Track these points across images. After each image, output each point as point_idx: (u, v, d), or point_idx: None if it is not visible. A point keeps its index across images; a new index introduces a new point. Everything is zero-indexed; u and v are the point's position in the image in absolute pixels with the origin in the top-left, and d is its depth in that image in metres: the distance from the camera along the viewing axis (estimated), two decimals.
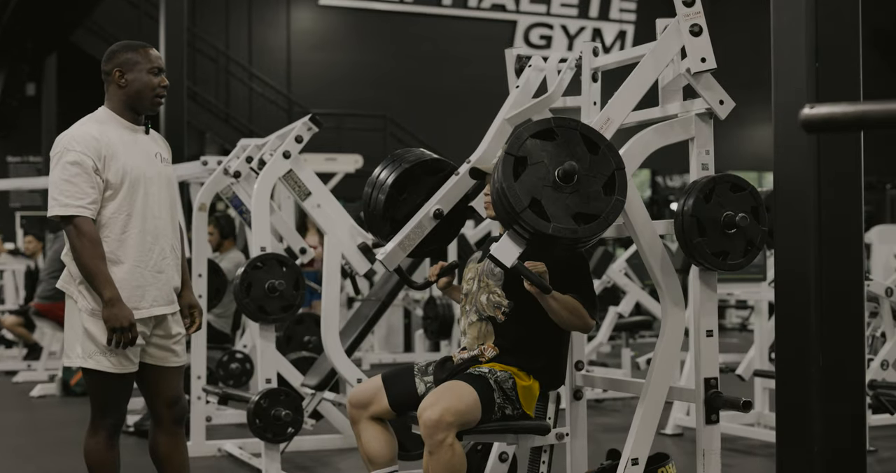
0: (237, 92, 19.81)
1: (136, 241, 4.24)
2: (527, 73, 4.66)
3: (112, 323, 4.11)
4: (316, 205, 5.90)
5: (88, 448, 4.32)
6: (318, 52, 20.74)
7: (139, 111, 4.36)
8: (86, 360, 4.22)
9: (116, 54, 4.33)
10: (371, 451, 4.23)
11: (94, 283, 4.12)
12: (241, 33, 20.23)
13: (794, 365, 3.78)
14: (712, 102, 4.05)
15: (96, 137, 4.20)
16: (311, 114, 6.02)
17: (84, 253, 4.10)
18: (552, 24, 22.61)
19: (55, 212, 4.12)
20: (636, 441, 4.04)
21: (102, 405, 4.31)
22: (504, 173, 3.67)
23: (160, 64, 4.35)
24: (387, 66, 20.90)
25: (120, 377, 4.26)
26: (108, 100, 4.35)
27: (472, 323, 4.30)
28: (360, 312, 6.74)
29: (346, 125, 19.51)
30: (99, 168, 4.16)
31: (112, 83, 4.32)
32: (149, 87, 4.31)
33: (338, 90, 20.37)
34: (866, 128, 1.90)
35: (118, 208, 4.21)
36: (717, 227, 3.98)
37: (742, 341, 13.83)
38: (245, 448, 6.79)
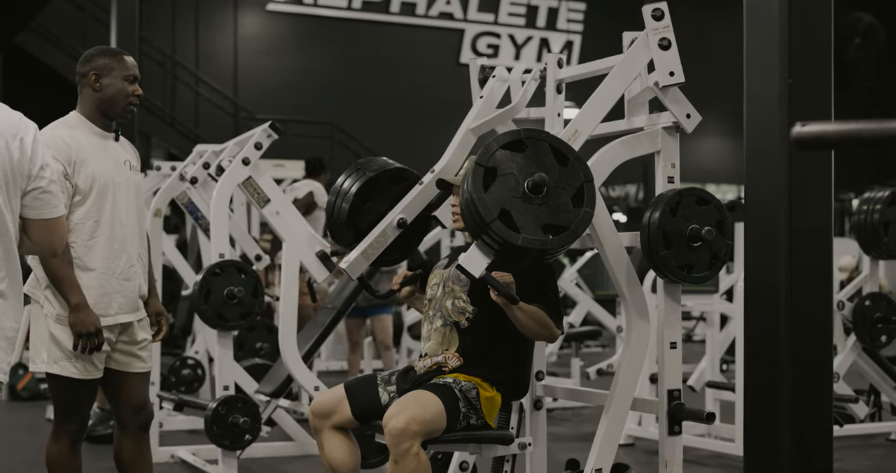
0: (183, 96, 19.69)
1: (104, 248, 4.23)
2: (491, 83, 4.68)
3: (79, 329, 4.11)
4: (275, 212, 5.89)
5: (51, 455, 4.30)
6: (265, 58, 20.67)
7: (111, 117, 4.35)
8: (51, 365, 4.20)
9: (93, 58, 4.32)
10: (334, 460, 4.22)
11: (62, 288, 4.10)
12: (188, 37, 20.11)
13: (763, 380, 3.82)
14: (679, 116, 4.09)
15: (67, 142, 4.18)
16: (271, 122, 6.00)
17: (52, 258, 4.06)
18: (500, 33, 22.69)
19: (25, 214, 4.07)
20: (600, 452, 4.07)
21: (66, 411, 4.29)
22: (474, 184, 3.69)
23: (136, 72, 4.36)
24: (334, 72, 20.86)
25: (84, 383, 4.25)
26: (81, 104, 4.33)
27: (437, 329, 4.30)
28: (317, 320, 6.72)
29: (292, 131, 19.43)
30: (69, 173, 4.14)
31: (86, 86, 4.31)
32: (123, 94, 4.31)
33: (284, 96, 20.30)
34: (859, 145, 1.94)
35: (86, 214, 4.19)
36: (683, 240, 4.02)
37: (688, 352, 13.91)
38: (199, 454, 6.74)
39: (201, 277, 5.71)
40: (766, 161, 3.81)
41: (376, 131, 20.13)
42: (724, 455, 6.91)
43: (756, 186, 3.91)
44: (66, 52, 17.53)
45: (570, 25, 23.16)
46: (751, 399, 3.91)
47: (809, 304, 3.79)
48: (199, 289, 5.67)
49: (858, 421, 7.24)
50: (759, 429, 3.87)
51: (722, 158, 22.74)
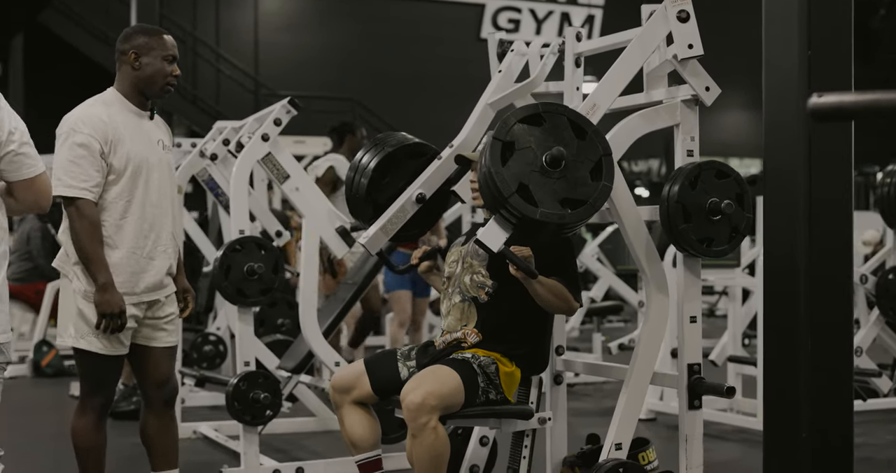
0: (204, 74, 19.70)
1: (133, 228, 4.26)
2: (509, 57, 4.66)
3: (103, 309, 4.14)
4: (294, 188, 5.88)
5: (77, 429, 4.34)
6: (286, 34, 20.66)
7: (148, 96, 4.38)
8: (77, 340, 4.24)
9: (134, 36, 4.34)
10: (354, 435, 4.23)
11: (90, 267, 4.14)
12: (209, 15, 20.11)
13: (782, 352, 3.80)
14: (698, 89, 4.06)
15: (104, 120, 4.21)
16: (291, 98, 5.98)
17: (83, 236, 4.13)
18: (520, 8, 22.61)
19: (58, 191, 4.10)
20: (620, 426, 4.06)
21: (92, 385, 4.33)
22: (492, 158, 3.67)
23: (175, 52, 4.38)
24: (354, 48, 20.83)
25: (110, 358, 4.29)
26: (119, 81, 4.36)
27: (455, 305, 4.30)
28: (337, 295, 6.72)
29: (313, 107, 19.42)
30: (105, 152, 4.18)
31: (126, 64, 4.33)
32: (161, 74, 4.33)
33: (305, 72, 20.29)
34: (877, 116, 1.92)
35: (119, 194, 4.22)
36: (703, 214, 4.00)
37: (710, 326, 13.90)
38: (220, 430, 6.78)
39: (221, 253, 5.71)
40: (785, 133, 3.77)
41: (397, 107, 20.11)
42: (746, 430, 6.90)
43: (775, 158, 3.88)
44: (88, 30, 17.58)
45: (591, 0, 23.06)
46: (770, 372, 3.90)
47: (829, 277, 3.76)
48: (219, 266, 5.66)
49: (882, 396, 7.20)
50: (778, 403, 3.86)
51: (744, 132, 22.63)
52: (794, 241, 3.73)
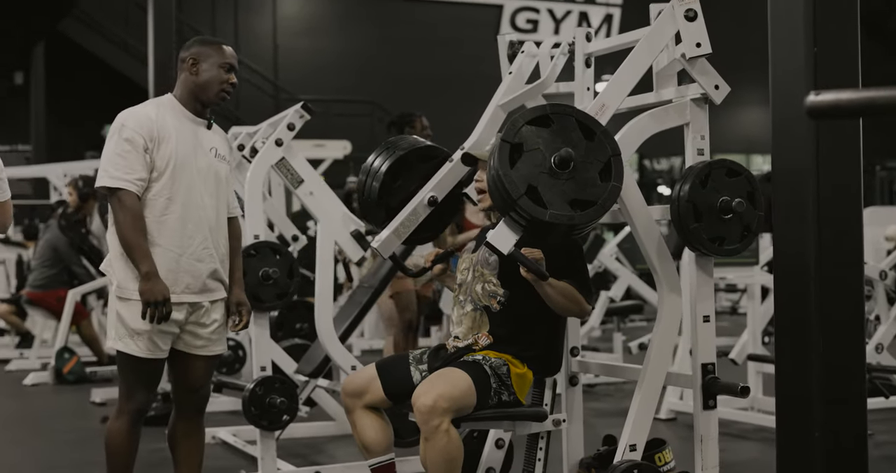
0: None
1: (175, 226, 4.29)
2: (519, 59, 4.65)
3: (147, 297, 4.15)
4: (308, 192, 5.88)
5: (110, 432, 4.35)
6: (305, 39, 20.71)
7: (204, 103, 4.44)
8: (115, 342, 4.29)
9: (193, 45, 4.48)
10: (367, 440, 4.23)
11: (133, 256, 4.18)
12: (227, 20, 20.18)
13: (794, 351, 3.78)
14: (707, 87, 4.05)
15: (151, 118, 4.30)
16: (303, 102, 5.99)
17: (125, 226, 4.18)
18: (538, 8, 22.60)
19: (103, 182, 4.22)
20: (634, 427, 4.04)
21: (128, 388, 4.34)
22: (500, 160, 3.67)
23: (233, 62, 4.48)
24: (373, 51, 20.87)
25: (146, 361, 4.29)
26: (177, 88, 4.46)
27: (467, 314, 4.29)
28: (354, 299, 6.72)
29: (333, 111, 19.48)
30: (149, 148, 4.25)
31: (184, 71, 4.43)
32: (217, 80, 4.42)
33: (325, 76, 20.34)
34: (873, 114, 1.90)
35: (159, 191, 4.27)
36: (714, 213, 3.98)
37: (732, 324, 13.85)
38: (239, 435, 6.79)
39: None
40: (793, 130, 3.75)
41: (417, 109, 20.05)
42: (766, 429, 6.86)
43: (783, 156, 3.86)
44: (108, 37, 17.66)
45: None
46: (782, 372, 3.87)
47: (840, 276, 3.74)
48: None
49: None
50: (790, 403, 3.83)
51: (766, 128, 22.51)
52: (803, 240, 3.71)
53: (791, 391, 3.80)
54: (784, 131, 3.82)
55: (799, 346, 3.73)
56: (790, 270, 3.79)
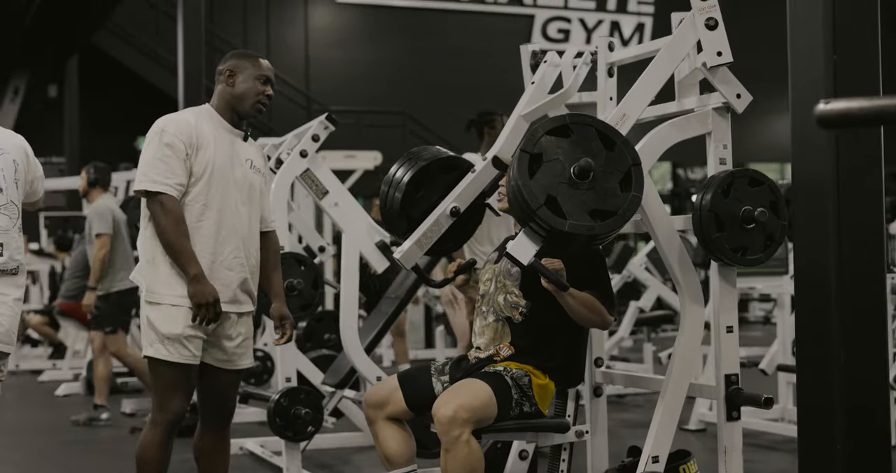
0: None
1: (209, 233, 4.26)
2: (542, 68, 4.64)
3: (198, 299, 4.14)
4: (333, 203, 5.89)
5: (143, 443, 4.28)
6: (337, 50, 20.75)
7: (240, 114, 4.44)
8: (147, 348, 4.24)
9: (231, 57, 4.50)
10: (389, 451, 4.22)
11: (180, 260, 4.17)
12: (259, 32, 20.25)
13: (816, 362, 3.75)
14: (729, 96, 4.02)
15: (191, 123, 4.30)
16: (328, 113, 6.00)
17: (169, 230, 4.16)
18: (570, 18, 22.56)
19: (143, 186, 4.20)
20: (656, 439, 4.01)
21: (162, 397, 4.26)
22: (519, 171, 3.66)
23: (269, 74, 4.48)
24: (405, 62, 20.88)
25: (178, 367, 4.22)
26: (214, 98, 4.47)
27: (489, 325, 4.28)
28: (380, 309, 6.71)
29: (364, 122, 19.51)
30: (188, 154, 4.24)
31: (221, 82, 4.45)
32: (253, 92, 4.42)
33: (356, 87, 20.36)
34: (884, 123, 1.88)
35: (195, 196, 4.25)
36: (736, 222, 3.95)
37: (766, 334, 13.78)
38: (266, 446, 6.79)
39: None
40: (812, 139, 3.73)
41: (449, 119, 20.08)
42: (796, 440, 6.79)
43: (803, 165, 3.83)
44: (140, 49, 17.76)
45: (641, 7, 22.97)
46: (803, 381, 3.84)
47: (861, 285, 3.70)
48: None
49: None
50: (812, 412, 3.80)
51: None
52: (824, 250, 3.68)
53: (813, 402, 3.77)
54: (803, 140, 3.79)
55: (820, 358, 3.70)
56: (811, 281, 3.77)
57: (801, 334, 3.88)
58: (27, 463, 7.01)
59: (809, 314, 3.80)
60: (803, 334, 3.86)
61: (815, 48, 3.66)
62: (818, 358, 3.72)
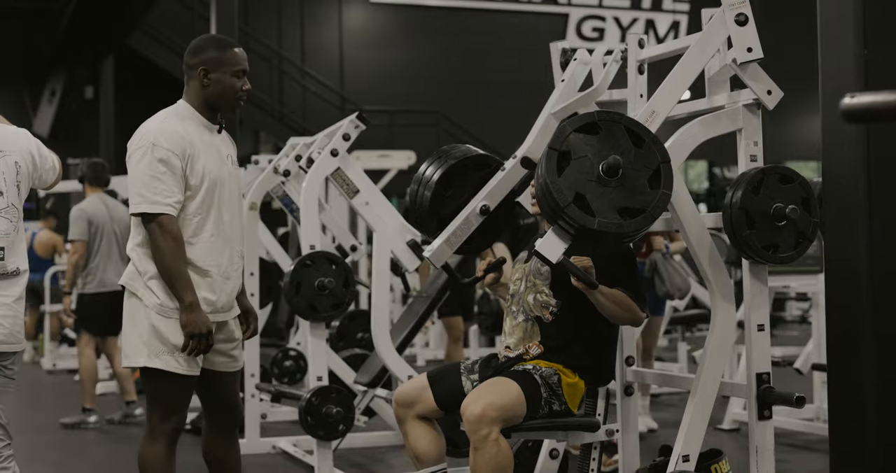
0: (291, 91, 19.87)
1: (208, 245, 4.10)
2: (572, 66, 4.62)
3: (191, 329, 3.96)
4: (364, 202, 5.90)
5: (146, 456, 4.11)
6: (371, 50, 20.77)
7: (218, 111, 4.23)
8: (151, 360, 4.03)
9: (202, 51, 4.17)
10: (418, 450, 4.21)
11: (176, 285, 3.98)
12: (294, 32, 20.29)
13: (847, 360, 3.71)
14: (760, 93, 3.98)
15: (182, 136, 4.06)
16: (358, 112, 6.00)
17: (167, 254, 3.96)
18: (604, 16, 22.49)
19: (142, 209, 3.98)
20: (687, 438, 3.98)
21: (165, 409, 4.10)
22: (548, 168, 3.64)
23: (245, 66, 4.21)
24: (439, 61, 20.88)
25: (185, 378, 4.08)
26: (188, 94, 4.19)
27: (518, 324, 4.27)
28: (411, 309, 6.72)
29: (398, 121, 19.52)
30: (184, 168, 4.03)
31: (194, 79, 4.16)
32: (231, 90, 4.17)
33: (390, 87, 20.37)
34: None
35: (195, 210, 4.07)
36: (767, 220, 3.91)
37: (802, 333, 13.68)
38: (299, 445, 6.81)
39: (292, 269, 5.74)
40: (843, 135, 3.69)
41: (483, 118, 20.11)
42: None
43: (833, 161, 3.80)
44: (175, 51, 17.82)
45: (676, 5, 22.86)
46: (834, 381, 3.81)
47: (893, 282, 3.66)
48: (289, 281, 5.70)
49: None
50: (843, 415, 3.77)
51: None
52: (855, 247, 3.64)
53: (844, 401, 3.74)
54: (833, 136, 3.76)
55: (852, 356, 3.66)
56: (842, 277, 3.74)
57: (833, 332, 3.85)
58: (64, 462, 7.05)
59: (841, 312, 3.77)
60: (835, 332, 3.83)
61: (846, 43, 3.63)
62: (850, 356, 3.69)
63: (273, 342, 8.74)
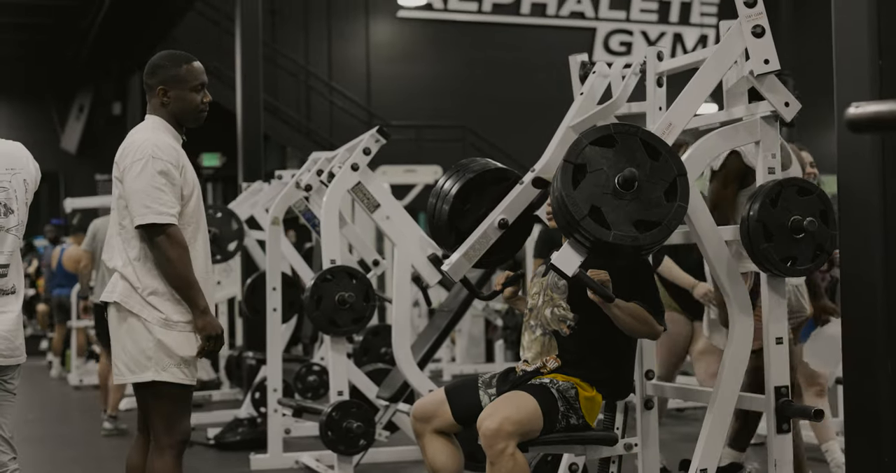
0: (318, 106, 19.92)
1: (201, 253, 4.17)
2: (591, 79, 4.61)
3: (208, 331, 4.04)
4: (385, 217, 5.90)
5: (158, 471, 4.10)
6: (398, 65, 20.80)
7: (183, 125, 4.27)
8: (159, 373, 4.04)
9: (160, 69, 4.22)
10: (436, 464, 4.20)
11: (190, 293, 4.03)
12: (321, 47, 20.35)
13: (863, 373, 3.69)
14: (777, 105, 3.96)
15: (174, 147, 4.13)
16: (379, 126, 6.01)
17: (179, 263, 4.01)
18: (632, 31, 22.45)
19: (149, 219, 3.99)
20: (705, 452, 3.96)
21: (172, 420, 4.12)
22: (563, 181, 3.63)
23: (203, 79, 4.25)
24: (465, 76, 20.88)
25: (189, 389, 4.15)
26: (154, 111, 4.24)
27: (536, 338, 4.26)
28: (434, 323, 6.72)
29: (425, 136, 19.54)
30: (178, 178, 4.08)
31: (155, 97, 4.22)
32: (192, 105, 4.22)
33: (417, 101, 20.39)
34: None
35: (188, 219, 4.13)
36: (785, 232, 3.89)
37: None
38: (322, 460, 6.80)
39: (312, 283, 5.75)
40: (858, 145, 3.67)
41: (510, 133, 20.08)
42: None
43: (849, 172, 3.77)
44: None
45: (704, 19, 22.80)
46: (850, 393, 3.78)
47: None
48: (310, 296, 5.71)
49: None
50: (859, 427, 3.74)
51: None
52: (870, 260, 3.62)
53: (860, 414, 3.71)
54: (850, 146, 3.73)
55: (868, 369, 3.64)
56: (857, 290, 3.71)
57: (849, 344, 3.82)
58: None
59: (856, 325, 3.74)
60: (850, 344, 3.80)
61: (861, 54, 3.61)
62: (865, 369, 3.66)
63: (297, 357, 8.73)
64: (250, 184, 9.37)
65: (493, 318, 12.50)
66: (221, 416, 8.69)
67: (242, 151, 10.29)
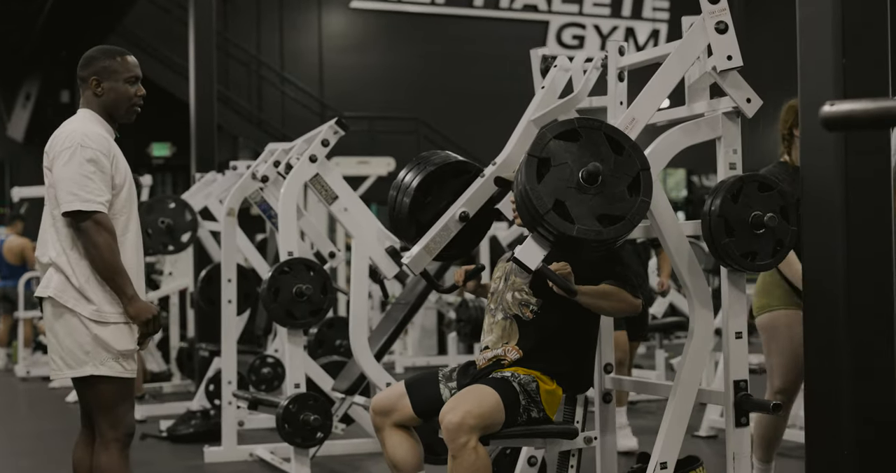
0: (269, 96, 19.84)
1: (133, 244, 4.16)
2: (552, 73, 4.61)
3: (142, 317, 4.03)
4: (343, 208, 5.88)
5: (104, 466, 4.08)
6: (350, 55, 20.76)
7: (115, 119, 4.24)
8: (98, 367, 4.03)
9: (94, 61, 4.20)
10: (396, 458, 4.20)
11: (117, 280, 4.00)
12: (273, 37, 20.26)
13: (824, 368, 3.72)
14: (739, 101, 3.99)
15: (106, 137, 4.12)
16: (337, 118, 5.99)
17: (106, 250, 3.97)
18: (584, 24, 22.54)
19: (75, 206, 3.97)
20: (664, 445, 3.98)
21: (115, 414, 4.10)
22: (527, 175, 3.63)
23: (137, 72, 4.24)
24: (419, 68, 20.88)
25: (129, 382, 4.12)
26: (87, 104, 4.22)
27: (497, 322, 4.27)
28: (390, 315, 6.70)
29: (378, 128, 19.51)
30: (111, 167, 4.07)
31: (88, 90, 4.20)
32: (125, 97, 4.20)
33: (370, 93, 20.36)
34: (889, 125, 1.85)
35: (120, 209, 4.11)
36: (746, 228, 3.91)
37: None
38: (276, 452, 6.77)
39: (269, 275, 5.72)
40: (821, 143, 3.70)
41: (463, 126, 20.10)
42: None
43: (811, 170, 3.80)
44: (152, 55, 17.77)
45: (656, 14, 22.94)
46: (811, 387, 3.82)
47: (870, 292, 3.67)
48: (267, 288, 5.68)
49: None
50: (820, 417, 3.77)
51: None
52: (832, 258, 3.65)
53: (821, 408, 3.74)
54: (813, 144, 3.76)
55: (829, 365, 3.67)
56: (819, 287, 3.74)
57: (810, 341, 3.85)
58: (37, 469, 7.00)
59: (817, 320, 3.78)
60: (812, 341, 3.83)
61: (825, 51, 3.63)
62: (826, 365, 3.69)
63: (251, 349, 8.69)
64: (203, 175, 9.32)
65: (445, 310, 12.52)
66: (173, 408, 8.63)
67: (195, 141, 10.20)
